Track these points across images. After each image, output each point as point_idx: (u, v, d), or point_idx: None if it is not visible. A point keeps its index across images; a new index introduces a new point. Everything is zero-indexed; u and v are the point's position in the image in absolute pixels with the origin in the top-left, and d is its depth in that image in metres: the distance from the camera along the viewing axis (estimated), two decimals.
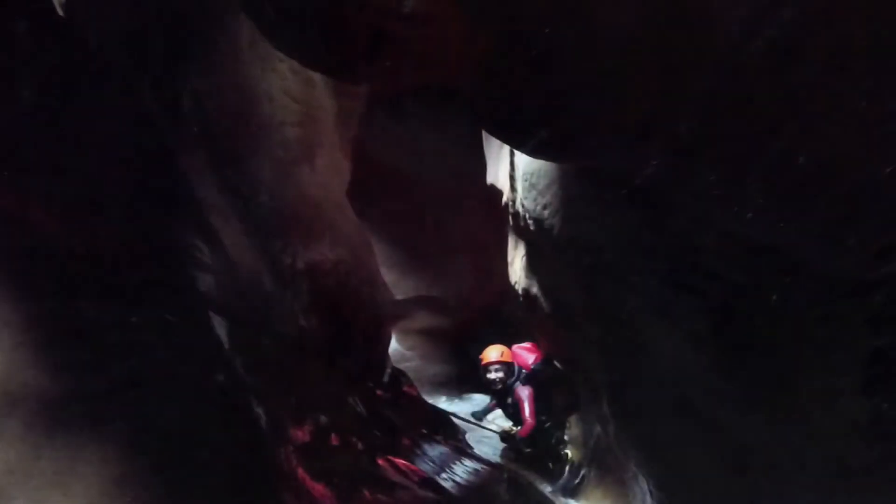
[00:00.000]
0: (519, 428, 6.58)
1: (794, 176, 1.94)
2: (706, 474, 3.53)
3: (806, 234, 2.22)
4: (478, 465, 5.78)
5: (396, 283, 9.92)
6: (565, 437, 6.52)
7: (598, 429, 5.31)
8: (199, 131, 4.48)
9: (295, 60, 4.00)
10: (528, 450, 6.68)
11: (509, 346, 7.00)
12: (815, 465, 3.02)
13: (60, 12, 3.21)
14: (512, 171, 5.07)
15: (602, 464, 5.34)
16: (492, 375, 6.85)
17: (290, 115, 5.89)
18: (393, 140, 9.62)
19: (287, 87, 5.84)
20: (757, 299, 3.05)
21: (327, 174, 6.55)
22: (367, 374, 6.17)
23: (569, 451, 6.29)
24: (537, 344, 6.76)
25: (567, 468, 6.14)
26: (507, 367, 6.83)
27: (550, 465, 6.44)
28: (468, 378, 9.92)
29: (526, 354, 6.77)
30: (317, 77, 6.05)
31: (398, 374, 7.92)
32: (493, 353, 6.95)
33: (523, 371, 6.71)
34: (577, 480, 5.80)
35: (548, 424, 6.54)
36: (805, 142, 1.78)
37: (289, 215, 5.55)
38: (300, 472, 3.16)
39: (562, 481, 6.03)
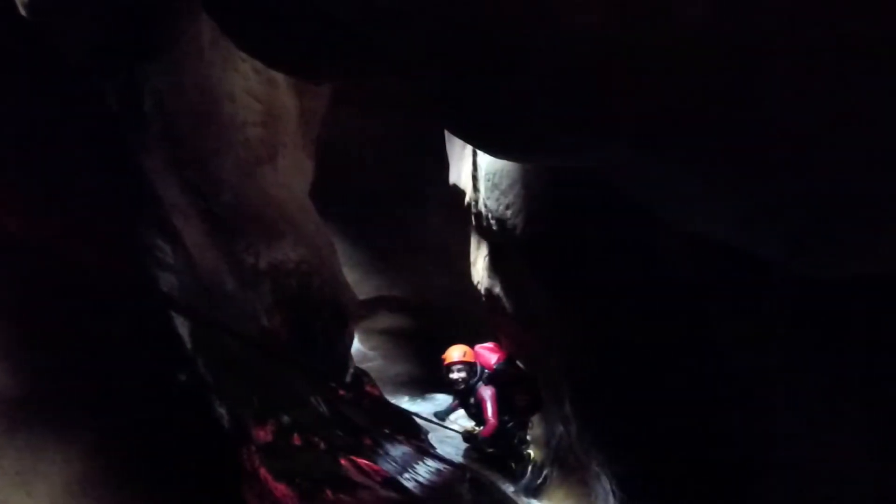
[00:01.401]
0: (481, 428, 6.57)
1: (761, 175, 1.97)
2: (669, 474, 3.57)
3: (771, 235, 2.25)
4: (440, 465, 5.78)
5: (359, 283, 9.89)
6: (528, 437, 6.56)
7: (560, 429, 5.34)
8: (161, 131, 4.45)
9: (258, 60, 3.99)
10: (491, 450, 6.68)
11: (472, 345, 7.00)
12: (781, 463, 3.07)
13: (23, 12, 3.17)
14: (474, 171, 5.09)
15: (564, 463, 5.38)
16: (454, 375, 6.83)
17: (252, 114, 5.87)
18: (356, 140, 9.61)
19: (249, 87, 5.83)
20: (724, 299, 3.10)
21: (290, 174, 6.54)
22: (329, 374, 6.16)
23: (531, 451, 6.33)
24: (500, 344, 6.77)
25: (529, 468, 6.17)
26: (469, 366, 6.81)
27: (513, 464, 6.48)
28: (431, 378, 9.92)
29: (488, 354, 6.77)
30: (279, 77, 6.04)
31: (360, 374, 7.92)
32: (455, 352, 6.93)
33: (486, 371, 6.70)
34: (539, 480, 5.83)
35: (510, 424, 6.55)
36: (771, 141, 1.81)
37: (251, 215, 5.53)
38: (262, 471, 3.15)
39: (524, 481, 6.06)
